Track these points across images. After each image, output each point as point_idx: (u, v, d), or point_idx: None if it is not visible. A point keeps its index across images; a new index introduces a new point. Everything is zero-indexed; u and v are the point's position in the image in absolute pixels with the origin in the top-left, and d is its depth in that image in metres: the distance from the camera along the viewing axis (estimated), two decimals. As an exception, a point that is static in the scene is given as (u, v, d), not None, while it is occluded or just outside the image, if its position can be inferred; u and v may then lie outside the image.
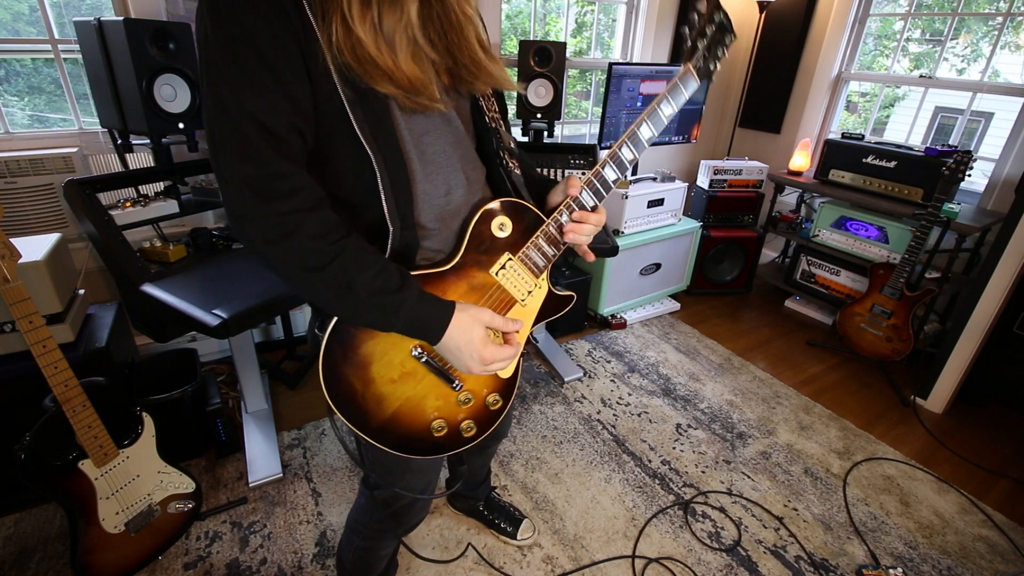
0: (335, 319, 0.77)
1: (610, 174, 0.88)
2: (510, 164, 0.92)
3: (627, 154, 0.87)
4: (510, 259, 0.88)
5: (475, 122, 0.92)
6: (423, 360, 0.84)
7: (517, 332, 0.88)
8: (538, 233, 0.89)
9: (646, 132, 0.86)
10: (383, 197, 0.75)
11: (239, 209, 0.67)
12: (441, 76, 0.80)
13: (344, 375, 0.79)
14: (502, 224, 0.86)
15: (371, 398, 0.82)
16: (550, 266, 0.92)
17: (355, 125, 0.71)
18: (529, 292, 0.91)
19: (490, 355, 0.80)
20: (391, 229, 0.78)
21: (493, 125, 0.91)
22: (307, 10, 0.65)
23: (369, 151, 0.72)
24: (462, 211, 0.86)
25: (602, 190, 0.89)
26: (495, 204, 0.85)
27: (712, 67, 0.86)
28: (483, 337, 0.80)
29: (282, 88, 0.66)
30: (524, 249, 0.88)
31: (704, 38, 0.83)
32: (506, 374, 0.95)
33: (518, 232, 0.88)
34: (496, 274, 0.87)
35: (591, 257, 0.97)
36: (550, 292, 0.95)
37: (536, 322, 0.95)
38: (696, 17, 0.83)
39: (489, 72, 0.81)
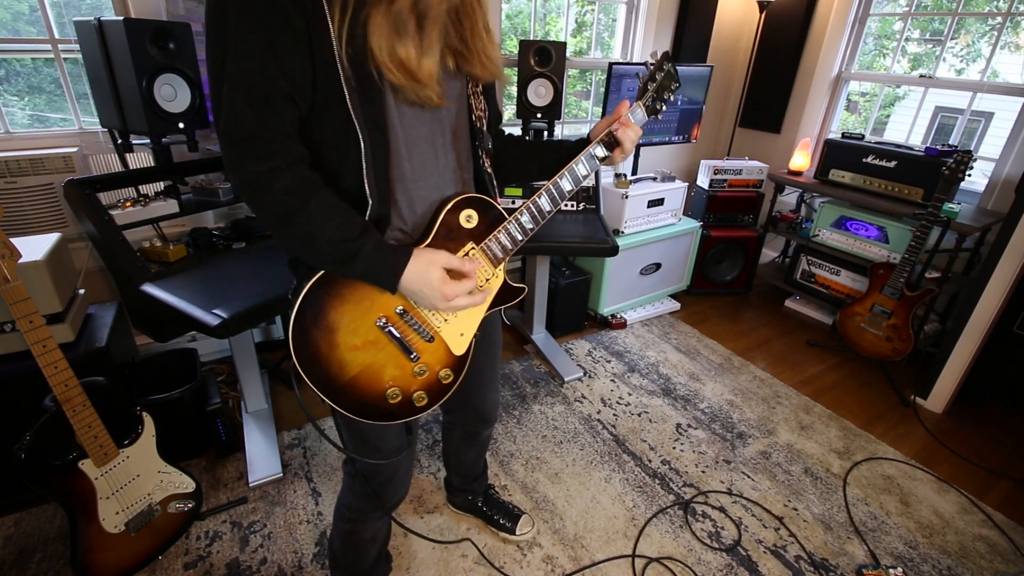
0: (309, 284, 0.84)
1: (600, 151, 1.05)
2: (485, 162, 1.03)
3: (600, 151, 1.04)
4: (473, 248, 0.98)
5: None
6: (386, 330, 0.91)
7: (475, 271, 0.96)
8: (500, 228, 0.98)
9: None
10: (364, 170, 0.83)
11: (226, 162, 0.78)
12: (447, 59, 0.89)
13: (311, 338, 0.86)
14: (469, 216, 0.96)
15: (334, 362, 0.89)
16: (507, 259, 1.02)
17: (348, 103, 0.79)
18: (487, 280, 1.02)
19: (451, 291, 0.88)
20: (370, 202, 0.86)
21: (478, 124, 1.00)
22: (324, 4, 0.74)
23: (358, 127, 0.81)
24: (435, 197, 0.94)
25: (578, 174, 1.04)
26: (465, 198, 0.95)
27: (658, 107, 1.07)
28: (441, 276, 0.87)
29: (280, 63, 0.75)
30: (486, 241, 0.98)
31: (654, 82, 1.04)
32: (458, 350, 1.02)
33: (483, 225, 0.98)
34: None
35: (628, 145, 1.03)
36: (505, 282, 1.05)
37: (490, 308, 1.06)
38: (650, 65, 1.04)
39: (490, 59, 0.92)
